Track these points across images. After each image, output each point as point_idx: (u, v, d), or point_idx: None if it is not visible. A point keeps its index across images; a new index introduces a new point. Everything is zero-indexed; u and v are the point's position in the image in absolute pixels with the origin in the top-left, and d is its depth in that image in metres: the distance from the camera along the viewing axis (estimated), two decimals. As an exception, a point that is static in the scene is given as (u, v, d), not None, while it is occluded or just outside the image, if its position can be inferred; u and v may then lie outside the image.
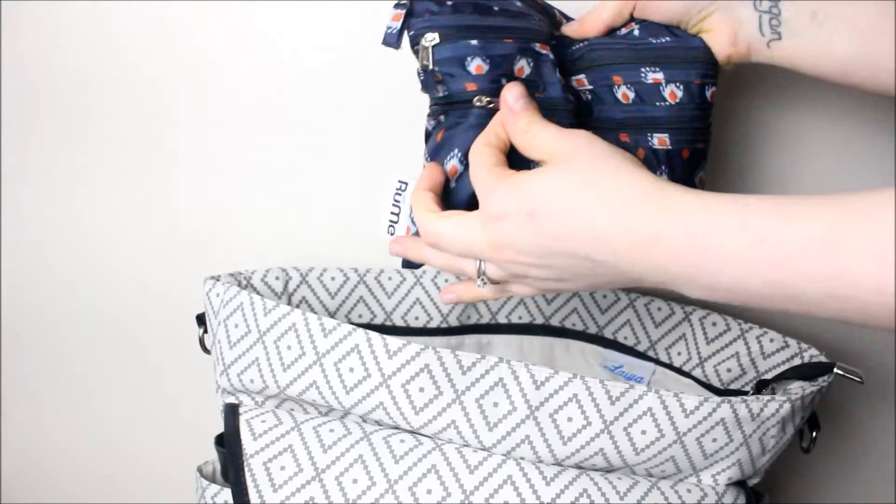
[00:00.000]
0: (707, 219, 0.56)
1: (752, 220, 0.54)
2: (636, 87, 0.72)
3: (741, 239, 0.54)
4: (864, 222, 0.51)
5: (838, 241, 0.51)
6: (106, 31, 0.92)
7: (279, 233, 0.95)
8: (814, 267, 0.52)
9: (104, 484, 1.04)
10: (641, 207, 0.58)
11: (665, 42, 0.73)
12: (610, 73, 0.73)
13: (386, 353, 0.68)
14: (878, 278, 0.51)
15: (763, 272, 0.54)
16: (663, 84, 0.72)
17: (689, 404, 0.66)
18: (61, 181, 0.97)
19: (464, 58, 0.69)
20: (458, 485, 0.68)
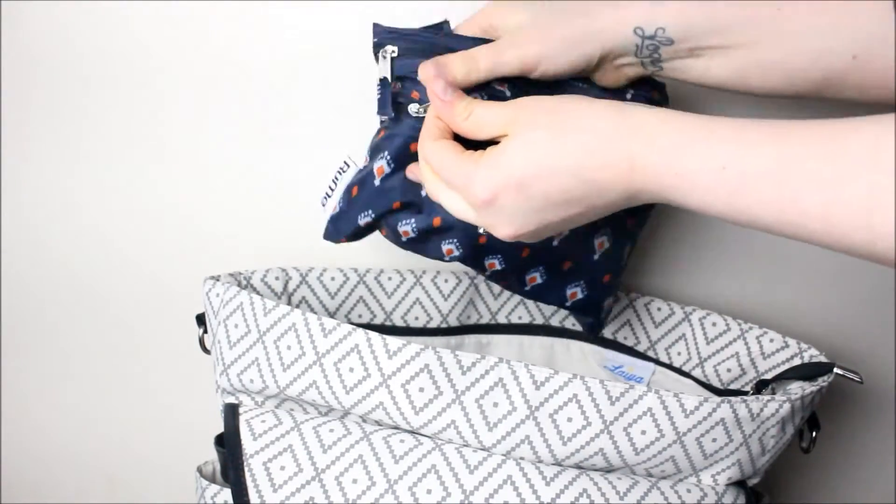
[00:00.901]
0: (676, 143, 0.58)
1: (716, 146, 0.56)
2: None
3: (705, 164, 0.56)
4: (816, 151, 0.53)
5: (790, 169, 0.54)
6: (108, 30, 0.92)
7: (279, 233, 0.95)
8: (768, 195, 0.55)
9: (104, 484, 1.04)
10: (615, 141, 0.60)
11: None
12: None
13: (386, 353, 0.68)
14: (823, 207, 0.53)
15: (724, 197, 0.56)
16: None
17: (689, 404, 0.66)
18: (60, 182, 0.97)
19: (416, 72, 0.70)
20: (457, 485, 0.68)
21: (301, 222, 0.94)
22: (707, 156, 0.57)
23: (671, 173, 0.58)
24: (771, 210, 0.55)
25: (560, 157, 0.61)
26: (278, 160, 0.94)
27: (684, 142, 0.58)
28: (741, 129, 0.57)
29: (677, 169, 0.58)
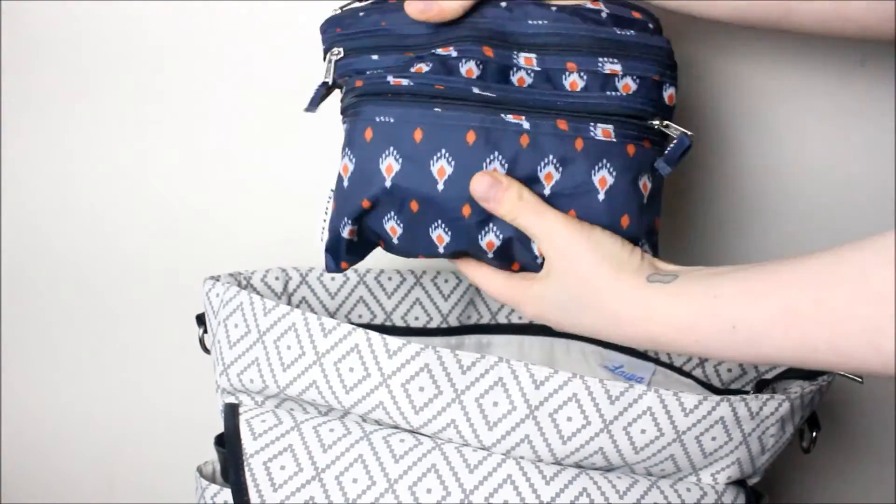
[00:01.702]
0: (686, 321, 0.62)
1: (721, 310, 0.61)
2: (589, 75, 0.69)
3: (716, 327, 0.61)
4: (813, 293, 0.57)
5: (794, 315, 0.57)
6: (111, 27, 0.93)
7: (279, 233, 0.95)
8: (779, 340, 0.59)
9: (104, 484, 1.04)
10: (635, 325, 0.65)
11: (629, 35, 0.70)
12: (564, 59, 0.70)
13: (386, 353, 0.68)
14: (832, 343, 0.56)
15: (741, 349, 0.61)
16: (619, 76, 0.69)
17: (689, 403, 0.66)
18: (61, 181, 0.97)
19: (365, 69, 0.70)
20: (457, 484, 0.68)
21: (301, 222, 0.94)
22: (717, 320, 0.61)
23: (690, 341, 0.62)
24: (786, 353, 0.59)
25: (587, 321, 0.67)
26: (279, 160, 0.94)
27: (695, 312, 0.62)
28: (744, 284, 0.60)
29: (694, 337, 0.62)
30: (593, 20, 0.70)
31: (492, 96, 0.68)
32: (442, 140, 0.68)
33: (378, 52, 0.71)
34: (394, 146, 0.68)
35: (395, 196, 0.69)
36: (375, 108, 0.69)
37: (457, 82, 0.68)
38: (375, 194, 0.69)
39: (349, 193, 0.70)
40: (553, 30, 0.70)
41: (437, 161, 0.68)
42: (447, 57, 0.69)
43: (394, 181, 0.68)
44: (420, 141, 0.68)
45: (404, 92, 0.68)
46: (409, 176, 0.68)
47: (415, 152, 0.68)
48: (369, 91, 0.69)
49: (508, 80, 0.69)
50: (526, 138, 0.68)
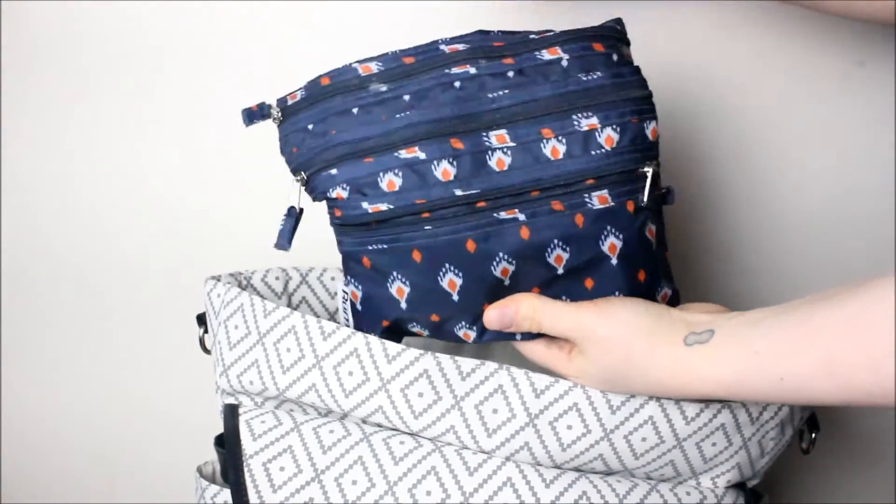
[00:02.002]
0: (732, 378, 0.63)
1: (765, 365, 0.61)
2: (567, 138, 0.66)
3: (763, 381, 0.62)
4: (854, 339, 0.58)
5: (837, 362, 0.58)
6: (112, 26, 0.92)
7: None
8: (825, 386, 0.60)
9: (104, 484, 1.04)
10: (683, 388, 0.64)
11: (596, 78, 0.66)
12: (537, 127, 0.66)
13: (385, 358, 0.68)
14: (876, 385, 0.57)
15: (790, 397, 0.62)
16: (599, 129, 0.65)
17: (690, 411, 0.66)
18: (61, 182, 0.97)
19: (327, 189, 0.68)
20: (457, 487, 0.68)
21: (302, 222, 0.94)
22: (763, 375, 0.61)
23: (739, 393, 0.63)
24: (836, 396, 0.60)
25: (639, 388, 0.66)
26: (280, 160, 0.94)
27: (740, 371, 0.62)
28: (781, 335, 0.61)
29: (743, 390, 0.63)
30: (554, 73, 0.67)
31: (476, 193, 0.65)
32: (442, 256, 0.66)
33: (336, 166, 0.67)
34: (396, 271, 0.67)
35: (414, 313, 0.68)
36: (364, 238, 0.67)
37: (436, 190, 0.66)
38: (394, 317, 0.69)
39: (366, 317, 0.69)
40: (515, 100, 0.66)
41: (444, 276, 0.67)
42: (415, 161, 0.66)
43: (408, 303, 0.68)
44: (421, 261, 0.67)
45: (387, 217, 0.66)
46: (423, 296, 0.67)
47: (420, 273, 0.67)
48: (350, 222, 0.67)
49: (487, 166, 0.66)
50: (525, 230, 0.66)
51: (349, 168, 0.67)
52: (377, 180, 0.66)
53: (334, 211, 0.68)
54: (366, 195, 0.66)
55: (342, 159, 0.67)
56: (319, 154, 0.68)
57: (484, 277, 0.66)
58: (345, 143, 0.67)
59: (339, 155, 0.67)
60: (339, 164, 0.67)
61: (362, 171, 0.67)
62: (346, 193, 0.67)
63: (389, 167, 0.66)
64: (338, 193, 0.67)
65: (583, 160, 0.66)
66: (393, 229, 0.66)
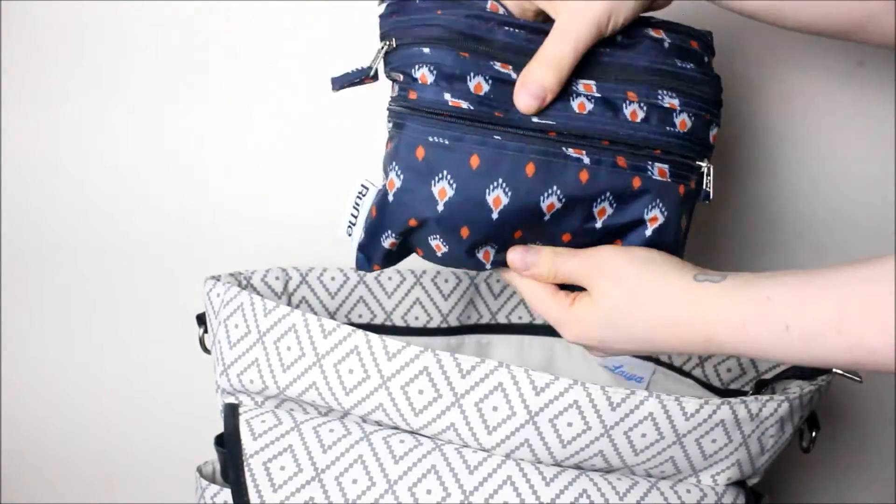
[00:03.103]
0: (739, 319, 0.62)
1: (774, 311, 0.61)
2: (649, 107, 0.68)
3: (769, 328, 0.61)
4: (868, 300, 0.58)
5: (849, 320, 0.58)
6: (113, 27, 0.92)
7: (279, 233, 0.95)
8: (833, 342, 0.59)
9: (104, 484, 1.04)
10: (690, 326, 0.64)
11: (688, 69, 0.69)
12: (625, 88, 0.68)
13: (385, 355, 0.68)
14: (887, 347, 0.57)
15: (794, 351, 0.61)
16: (677, 111, 0.68)
17: (690, 408, 0.66)
18: (62, 183, 0.97)
19: (413, 65, 0.66)
20: (457, 485, 0.68)
21: (302, 222, 0.94)
22: (770, 321, 0.61)
23: (742, 340, 0.63)
24: (841, 355, 0.59)
25: (638, 331, 0.66)
26: (280, 160, 0.94)
27: (748, 312, 0.62)
28: (796, 286, 0.61)
29: (746, 336, 0.62)
30: (655, 49, 0.69)
31: (552, 124, 0.66)
32: (501, 170, 0.66)
33: (430, 46, 0.66)
34: (448, 170, 0.66)
35: (447, 222, 0.67)
36: (428, 128, 0.66)
37: (517, 110, 0.66)
38: (425, 217, 0.67)
39: (395, 210, 0.67)
40: (613, 58, 0.69)
41: (493, 190, 0.66)
42: (507, 77, 0.67)
43: (447, 207, 0.66)
44: (477, 168, 0.66)
45: (463, 115, 0.66)
46: (464, 203, 0.66)
47: (470, 179, 0.66)
48: (424, 107, 0.66)
49: (569, 106, 0.67)
50: (585, 174, 0.67)
51: (443, 54, 0.66)
52: (467, 78, 0.66)
53: (408, 92, 0.66)
54: (451, 87, 0.66)
55: (440, 42, 0.66)
56: (418, 27, 0.67)
57: (529, 205, 0.66)
58: (448, 27, 0.67)
59: (438, 36, 0.67)
60: (435, 46, 0.66)
61: (456, 63, 0.66)
62: (431, 78, 0.66)
63: (482, 72, 0.66)
64: (422, 75, 0.66)
65: (657, 131, 0.68)
66: (462, 128, 0.66)
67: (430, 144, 0.66)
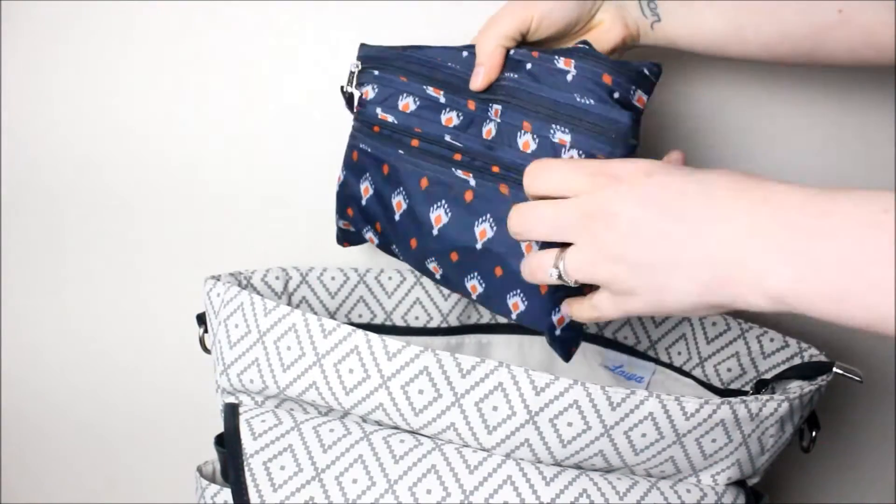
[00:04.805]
0: (817, 189, 0.55)
1: (875, 194, 0.53)
2: (540, 139, 0.70)
3: (861, 208, 0.53)
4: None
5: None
6: (110, 30, 0.92)
7: (279, 233, 0.95)
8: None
9: (104, 484, 1.04)
10: (748, 192, 0.57)
11: (587, 105, 0.68)
12: (522, 118, 0.71)
13: (385, 355, 0.68)
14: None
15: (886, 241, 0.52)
16: (566, 147, 0.69)
17: (690, 407, 0.66)
18: (59, 184, 0.97)
19: (364, 83, 0.78)
20: (457, 485, 0.68)
21: (302, 222, 0.94)
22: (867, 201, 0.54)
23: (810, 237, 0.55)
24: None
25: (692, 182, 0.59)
26: (279, 160, 0.94)
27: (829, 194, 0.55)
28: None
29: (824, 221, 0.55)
30: (557, 81, 0.70)
31: (459, 146, 0.74)
32: (401, 179, 0.76)
33: (380, 69, 0.78)
34: (369, 173, 0.79)
35: (368, 214, 0.79)
36: (362, 136, 0.79)
37: (434, 127, 0.75)
38: (356, 208, 0.80)
39: (340, 199, 0.82)
40: (519, 85, 0.71)
41: (395, 196, 0.76)
42: (435, 100, 0.75)
43: (367, 203, 0.79)
44: (386, 175, 0.77)
45: (387, 127, 0.77)
46: (377, 202, 0.78)
47: (382, 184, 0.77)
48: (363, 119, 0.79)
49: (480, 132, 0.73)
50: (470, 194, 0.73)
51: (387, 76, 0.77)
52: (399, 97, 0.77)
53: (358, 105, 0.79)
54: (384, 103, 0.77)
55: (389, 67, 0.77)
56: (376, 54, 0.78)
57: (421, 215, 0.75)
58: (400, 56, 0.77)
59: (392, 64, 0.77)
60: (383, 69, 0.78)
61: (394, 84, 0.77)
62: (372, 94, 0.78)
63: (414, 93, 0.76)
64: (366, 91, 0.78)
65: None
66: (383, 140, 0.77)
67: (361, 150, 0.79)
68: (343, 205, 0.82)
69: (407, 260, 0.78)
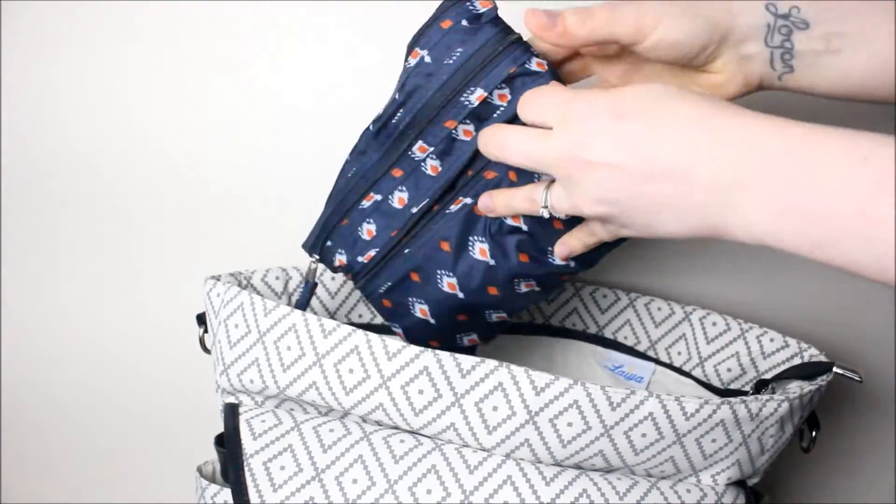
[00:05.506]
0: (802, 129, 0.55)
1: (853, 138, 0.53)
2: (469, 117, 0.71)
3: (844, 153, 0.53)
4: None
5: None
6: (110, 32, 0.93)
7: (279, 233, 0.95)
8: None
9: (104, 483, 1.04)
10: (731, 116, 0.57)
11: (459, 55, 0.71)
12: (440, 122, 0.72)
13: (385, 355, 0.68)
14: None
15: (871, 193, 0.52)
16: (489, 96, 0.70)
17: (690, 407, 0.66)
18: (61, 184, 0.97)
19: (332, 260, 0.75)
20: (457, 485, 0.68)
21: (302, 222, 0.94)
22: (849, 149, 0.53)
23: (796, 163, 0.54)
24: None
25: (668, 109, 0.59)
26: (279, 160, 0.94)
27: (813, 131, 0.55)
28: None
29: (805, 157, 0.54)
30: (429, 69, 0.71)
31: (426, 203, 0.72)
32: (432, 265, 0.72)
33: (330, 238, 0.75)
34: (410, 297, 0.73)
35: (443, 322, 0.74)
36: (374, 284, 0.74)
37: (398, 218, 0.73)
38: (433, 334, 0.74)
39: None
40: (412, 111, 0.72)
41: (442, 280, 0.72)
42: (375, 204, 0.73)
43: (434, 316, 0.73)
44: (420, 279, 0.73)
45: (380, 259, 0.73)
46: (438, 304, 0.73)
47: (424, 288, 0.73)
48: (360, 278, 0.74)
49: (425, 175, 0.73)
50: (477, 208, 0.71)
51: (337, 237, 0.74)
52: (358, 234, 0.74)
53: (347, 275, 0.75)
54: (357, 250, 0.74)
55: (330, 231, 0.75)
56: (318, 235, 0.75)
57: (466, 265, 0.71)
58: (328, 216, 0.75)
59: (328, 227, 0.75)
60: (330, 236, 0.75)
61: (346, 232, 0.74)
62: (345, 257, 0.74)
63: (362, 219, 0.73)
64: (339, 260, 0.74)
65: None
66: (388, 265, 0.73)
67: (385, 292, 0.73)
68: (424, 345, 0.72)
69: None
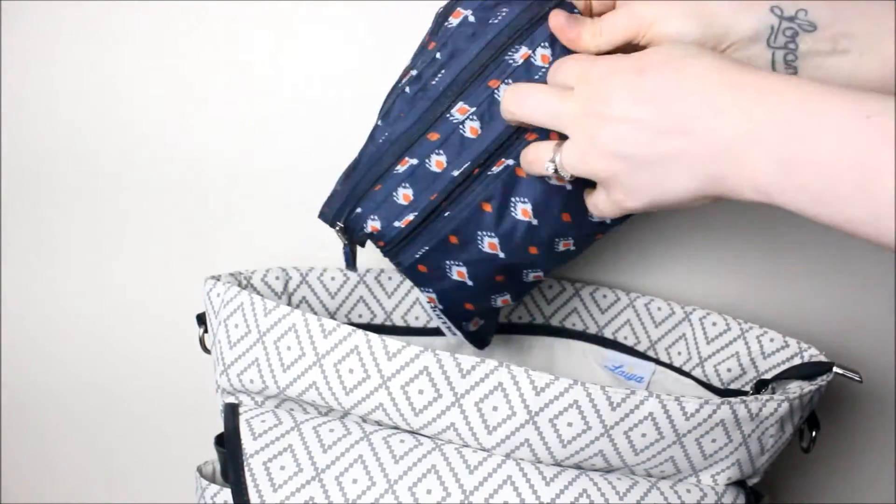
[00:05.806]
0: (813, 87, 0.56)
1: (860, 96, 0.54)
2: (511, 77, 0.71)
3: (850, 109, 0.54)
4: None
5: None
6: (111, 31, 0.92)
7: (279, 233, 0.95)
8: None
9: (104, 484, 1.04)
10: (748, 73, 0.58)
11: (505, 14, 0.71)
12: (483, 83, 0.71)
13: (385, 355, 0.68)
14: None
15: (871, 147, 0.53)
16: (532, 54, 0.70)
17: (690, 407, 0.66)
18: (59, 185, 0.97)
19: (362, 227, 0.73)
20: (457, 485, 0.68)
21: (302, 222, 0.94)
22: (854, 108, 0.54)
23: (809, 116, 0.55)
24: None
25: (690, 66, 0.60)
26: (279, 160, 0.94)
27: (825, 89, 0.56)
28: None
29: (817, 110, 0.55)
30: (470, 30, 0.71)
31: (468, 166, 0.71)
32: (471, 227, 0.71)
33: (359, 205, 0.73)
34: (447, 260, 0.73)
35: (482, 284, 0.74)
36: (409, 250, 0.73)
37: (439, 182, 0.71)
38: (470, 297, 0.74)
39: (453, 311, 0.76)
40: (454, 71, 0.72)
41: (483, 240, 0.71)
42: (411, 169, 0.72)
43: (472, 278, 0.73)
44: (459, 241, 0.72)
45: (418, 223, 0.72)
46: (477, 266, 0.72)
47: (463, 250, 0.72)
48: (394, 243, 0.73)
49: (464, 138, 0.71)
50: (520, 170, 0.70)
51: (368, 202, 0.73)
52: (394, 199, 0.72)
53: (378, 242, 0.73)
54: (393, 215, 0.72)
55: (360, 198, 0.73)
56: (344, 203, 0.74)
57: (508, 225, 0.71)
58: (357, 182, 0.73)
59: (356, 194, 0.73)
60: (360, 202, 0.73)
61: (378, 197, 0.72)
62: (379, 223, 0.72)
63: (396, 184, 0.72)
64: (372, 227, 0.72)
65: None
66: (427, 228, 0.72)
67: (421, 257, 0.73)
68: (459, 310, 0.75)
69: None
